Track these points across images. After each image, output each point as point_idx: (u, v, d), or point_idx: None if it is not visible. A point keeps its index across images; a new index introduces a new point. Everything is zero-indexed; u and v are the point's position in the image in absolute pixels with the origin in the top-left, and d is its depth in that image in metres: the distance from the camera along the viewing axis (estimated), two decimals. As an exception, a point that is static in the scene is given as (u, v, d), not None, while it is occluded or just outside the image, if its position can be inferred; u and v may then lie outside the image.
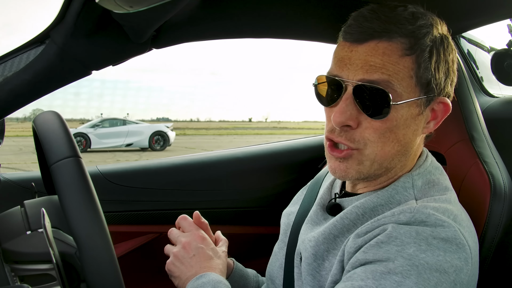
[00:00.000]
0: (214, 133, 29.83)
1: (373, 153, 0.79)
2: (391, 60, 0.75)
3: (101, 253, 0.69)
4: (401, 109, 0.77)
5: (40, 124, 0.79)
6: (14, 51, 0.91)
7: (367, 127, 0.78)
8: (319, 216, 0.92)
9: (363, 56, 0.76)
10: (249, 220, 1.60)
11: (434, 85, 0.79)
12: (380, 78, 0.75)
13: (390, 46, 0.76)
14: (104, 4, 0.60)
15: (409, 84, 0.77)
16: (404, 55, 0.76)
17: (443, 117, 0.83)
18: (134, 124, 15.96)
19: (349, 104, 0.77)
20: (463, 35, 1.46)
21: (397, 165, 0.83)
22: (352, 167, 0.80)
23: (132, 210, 1.48)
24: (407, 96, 0.77)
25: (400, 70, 0.76)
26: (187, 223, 0.97)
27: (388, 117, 0.76)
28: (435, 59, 0.78)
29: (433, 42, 0.78)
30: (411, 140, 0.81)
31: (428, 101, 0.80)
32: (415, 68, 0.77)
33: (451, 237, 0.72)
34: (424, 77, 0.77)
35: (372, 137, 0.78)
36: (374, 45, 0.76)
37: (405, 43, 0.76)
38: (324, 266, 0.83)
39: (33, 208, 0.83)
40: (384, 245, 0.72)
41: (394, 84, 0.75)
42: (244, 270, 1.07)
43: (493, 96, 1.43)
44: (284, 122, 59.75)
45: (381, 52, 0.76)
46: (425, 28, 0.78)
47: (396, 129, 0.78)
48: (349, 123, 0.77)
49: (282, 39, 1.27)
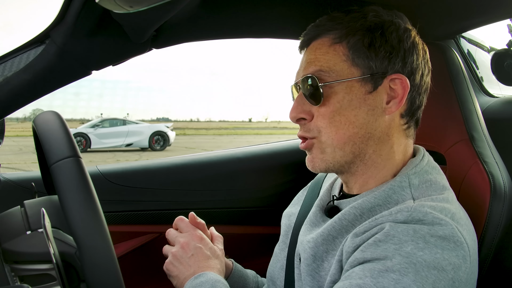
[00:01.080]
0: (214, 133, 29.83)
1: (329, 138, 0.84)
2: (321, 51, 0.85)
3: (101, 253, 0.69)
4: (341, 91, 0.83)
5: (40, 124, 0.79)
6: (14, 51, 0.91)
7: (317, 116, 0.85)
8: (318, 217, 0.92)
9: (305, 58, 0.88)
10: (249, 220, 1.60)
11: (373, 63, 0.82)
12: (313, 70, 0.84)
13: (321, 41, 0.86)
14: (104, 4, 0.60)
15: (342, 67, 0.83)
16: (333, 44, 0.84)
17: (404, 94, 0.83)
18: (134, 124, 15.96)
19: (299, 101, 0.87)
20: (463, 35, 1.46)
21: (367, 150, 0.84)
22: (317, 156, 0.86)
23: (132, 210, 1.48)
24: (342, 78, 0.83)
25: (330, 58, 0.84)
26: (184, 223, 0.98)
27: (330, 100, 0.83)
28: (369, 40, 0.83)
29: (366, 27, 0.83)
30: (369, 121, 0.83)
31: (376, 80, 0.82)
32: (346, 52, 0.83)
33: (449, 235, 0.72)
34: (357, 57, 0.83)
35: (323, 123, 0.84)
36: (311, 45, 0.88)
37: (334, 34, 0.85)
38: (323, 266, 0.84)
39: (33, 208, 0.83)
40: (382, 243, 0.72)
41: (325, 70, 0.83)
42: (243, 271, 1.07)
43: (493, 96, 1.43)
44: (284, 122, 59.72)
45: (314, 49, 0.86)
46: (355, 19, 0.84)
47: (344, 111, 0.82)
48: (301, 116, 0.86)
49: (282, 39, 1.27)
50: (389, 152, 0.86)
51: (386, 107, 0.83)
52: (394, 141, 0.86)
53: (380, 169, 0.86)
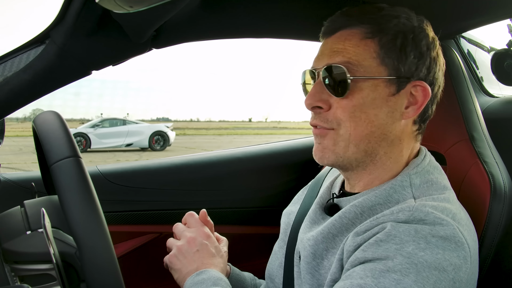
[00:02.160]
0: (214, 133, 29.83)
1: (346, 132, 0.82)
2: (351, 43, 0.82)
3: (101, 253, 0.69)
4: (366, 88, 0.81)
5: (40, 124, 0.79)
6: (14, 51, 0.91)
7: (337, 107, 0.83)
8: (317, 215, 0.92)
9: (330, 45, 0.85)
10: (249, 220, 1.60)
11: (401, 66, 0.82)
12: (341, 60, 0.82)
13: (352, 32, 0.83)
14: (104, 4, 0.60)
15: (371, 64, 0.82)
16: (365, 38, 0.82)
17: (424, 102, 0.84)
18: (134, 124, 15.96)
19: (318, 88, 0.84)
20: (463, 35, 1.46)
21: (379, 151, 0.84)
22: (328, 147, 0.84)
23: (132, 210, 1.48)
24: (370, 75, 0.81)
25: (360, 52, 0.82)
26: (194, 219, 0.98)
27: (353, 94, 0.81)
28: (401, 41, 0.82)
29: (399, 28, 0.82)
30: (387, 123, 0.83)
31: (400, 83, 0.82)
32: (378, 50, 0.82)
33: (450, 235, 0.72)
34: (387, 57, 0.82)
35: (343, 116, 0.82)
36: (339, 34, 0.85)
37: (366, 28, 0.83)
38: (323, 264, 0.84)
39: (33, 208, 0.83)
40: (383, 243, 0.72)
41: (354, 64, 0.81)
42: (240, 274, 1.07)
43: (493, 96, 1.43)
44: (284, 122, 59.74)
45: (343, 39, 0.84)
46: (388, 17, 0.83)
47: (365, 108, 0.81)
48: (318, 104, 0.84)
49: (282, 39, 1.27)
50: (398, 156, 0.86)
51: (404, 112, 0.84)
52: (404, 146, 0.86)
53: (388, 171, 0.86)
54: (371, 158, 0.85)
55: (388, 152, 0.85)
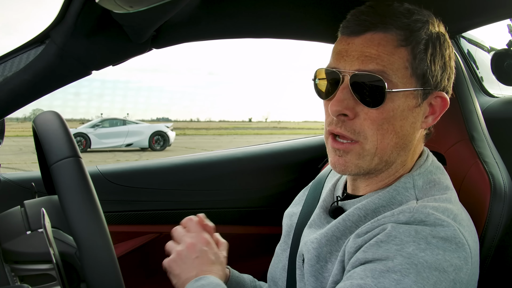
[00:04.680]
0: (214, 133, 29.83)
1: (373, 147, 0.80)
2: (386, 50, 0.77)
3: (101, 253, 0.69)
4: (397, 99, 0.78)
5: (40, 124, 0.79)
6: (14, 51, 0.91)
7: (365, 118, 0.79)
8: (322, 219, 0.92)
9: (359, 47, 0.78)
10: (249, 220, 1.60)
11: (430, 77, 0.80)
12: (375, 68, 0.77)
13: (386, 37, 0.78)
14: (104, 4, 0.60)
15: (404, 74, 0.78)
16: (399, 46, 0.78)
17: (441, 112, 0.83)
18: (134, 124, 15.96)
19: (346, 94, 0.78)
20: (463, 35, 1.46)
21: (397, 160, 0.83)
22: (351, 161, 0.81)
23: (132, 210, 1.48)
24: (402, 86, 0.78)
25: (395, 60, 0.77)
26: (193, 224, 0.96)
27: (384, 106, 0.77)
28: (431, 51, 0.80)
29: (429, 36, 0.80)
30: (409, 133, 0.82)
31: (425, 94, 0.81)
32: (411, 59, 0.78)
33: (451, 236, 0.72)
34: (419, 68, 0.79)
35: (370, 128, 0.78)
36: (370, 36, 0.78)
37: (400, 34, 0.78)
38: (327, 267, 0.83)
39: (33, 208, 0.83)
40: (383, 244, 0.72)
41: (389, 73, 0.77)
42: (240, 277, 1.06)
43: (493, 96, 1.43)
44: (284, 122, 59.74)
45: (376, 43, 0.78)
46: (420, 23, 0.79)
47: (394, 120, 0.79)
48: (346, 112, 0.79)
49: (281, 39, 1.27)
50: (409, 161, 0.86)
51: (424, 121, 0.83)
52: (417, 151, 0.86)
53: (397, 175, 0.85)
54: (387, 167, 0.84)
55: (403, 160, 0.85)
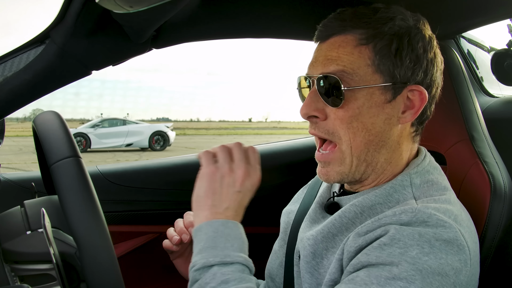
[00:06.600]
0: (214, 133, 29.84)
1: (348, 146, 0.81)
2: (345, 51, 0.80)
3: (101, 253, 0.69)
4: (361, 96, 0.80)
5: (40, 124, 0.79)
6: (14, 51, 0.91)
7: (334, 118, 0.81)
8: (317, 214, 0.92)
9: (324, 52, 0.83)
10: (249, 220, 1.60)
11: (397, 72, 0.80)
12: (335, 69, 0.80)
13: (346, 39, 0.81)
14: (104, 4, 0.60)
15: (366, 72, 0.80)
16: (359, 44, 0.80)
17: (421, 106, 0.82)
18: (134, 124, 15.97)
19: (313, 97, 0.82)
20: (463, 35, 1.46)
21: (379, 158, 0.83)
22: (333, 169, 0.84)
23: (132, 210, 1.48)
24: (365, 83, 0.80)
25: (355, 59, 0.80)
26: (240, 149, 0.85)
27: (349, 104, 0.80)
28: (395, 46, 0.80)
29: (395, 32, 0.80)
30: (384, 130, 0.82)
31: (396, 89, 0.81)
32: (372, 56, 0.80)
33: (453, 238, 0.72)
34: (382, 63, 0.80)
35: (341, 128, 0.81)
36: (333, 40, 0.82)
37: (361, 33, 0.80)
38: (323, 264, 0.83)
39: (33, 208, 0.83)
40: (387, 247, 0.72)
41: (349, 72, 0.79)
42: None
43: (493, 96, 1.43)
44: (284, 122, 59.72)
45: (337, 45, 0.81)
46: (383, 20, 0.81)
47: (361, 117, 0.80)
48: (314, 114, 0.82)
49: (281, 39, 1.27)
50: (398, 159, 0.86)
51: (401, 116, 0.83)
52: (403, 149, 0.86)
53: (388, 174, 0.86)
54: (372, 168, 0.84)
55: (388, 158, 0.84)
